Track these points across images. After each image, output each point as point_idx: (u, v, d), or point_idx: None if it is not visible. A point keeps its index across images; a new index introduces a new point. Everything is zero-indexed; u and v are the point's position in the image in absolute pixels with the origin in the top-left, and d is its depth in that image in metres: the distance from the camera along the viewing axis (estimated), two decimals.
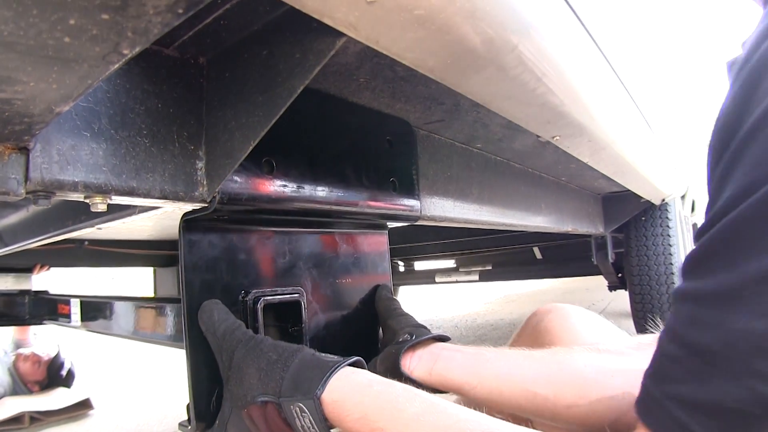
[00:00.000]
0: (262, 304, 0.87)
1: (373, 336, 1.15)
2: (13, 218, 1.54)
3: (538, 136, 1.17)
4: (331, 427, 0.70)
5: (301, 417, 0.69)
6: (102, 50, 0.38)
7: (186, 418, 0.85)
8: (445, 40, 0.61)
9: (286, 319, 0.97)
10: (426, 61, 0.67)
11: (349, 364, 0.74)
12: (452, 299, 7.58)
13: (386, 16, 0.55)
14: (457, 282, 4.63)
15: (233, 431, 0.78)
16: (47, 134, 0.59)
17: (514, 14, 0.64)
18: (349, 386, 0.70)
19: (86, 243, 2.75)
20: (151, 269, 3.26)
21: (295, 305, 0.96)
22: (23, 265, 2.66)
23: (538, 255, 4.30)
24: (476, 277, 4.48)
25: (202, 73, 0.79)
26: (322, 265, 1.05)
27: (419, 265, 5.12)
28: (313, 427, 0.69)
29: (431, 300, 7.57)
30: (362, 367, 0.76)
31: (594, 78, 0.96)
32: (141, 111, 0.69)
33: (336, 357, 0.75)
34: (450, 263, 4.78)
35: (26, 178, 0.57)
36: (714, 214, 0.49)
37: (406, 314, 1.07)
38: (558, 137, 1.09)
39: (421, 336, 0.94)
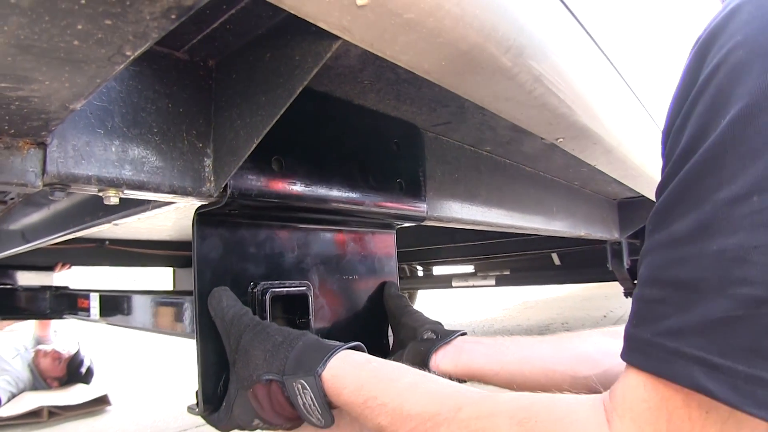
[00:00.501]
0: (270, 296, 0.92)
1: (379, 331, 1.18)
2: (35, 217, 1.60)
3: (542, 138, 1.20)
4: (331, 405, 0.74)
5: (302, 394, 0.73)
6: (107, 52, 0.41)
7: (195, 403, 0.89)
8: (437, 43, 0.64)
9: (293, 312, 1.01)
10: (421, 64, 0.70)
11: (350, 348, 0.79)
12: (469, 304, 7.58)
13: (378, 20, 0.58)
14: (473, 286, 4.64)
15: (238, 411, 0.82)
16: (63, 131, 0.63)
17: (505, 16, 0.67)
18: (348, 363, 0.75)
19: (107, 243, 2.82)
20: (170, 269, 3.33)
21: (302, 298, 0.99)
22: (46, 263, 2.73)
23: (557, 261, 4.30)
24: (493, 282, 4.49)
25: (211, 76, 0.83)
26: (330, 261, 1.09)
27: (438, 270, 5.15)
28: (314, 404, 0.73)
29: (448, 305, 7.57)
30: (362, 351, 0.80)
31: (595, 78, 0.98)
32: (152, 110, 0.74)
33: (339, 343, 0.79)
34: (469, 268, 4.79)
35: (43, 171, 0.62)
36: (672, 166, 0.53)
37: (418, 311, 1.11)
38: (562, 139, 1.11)
39: (447, 336, 0.99)
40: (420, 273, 5.20)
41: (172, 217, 2.06)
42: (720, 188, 0.47)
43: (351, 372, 0.73)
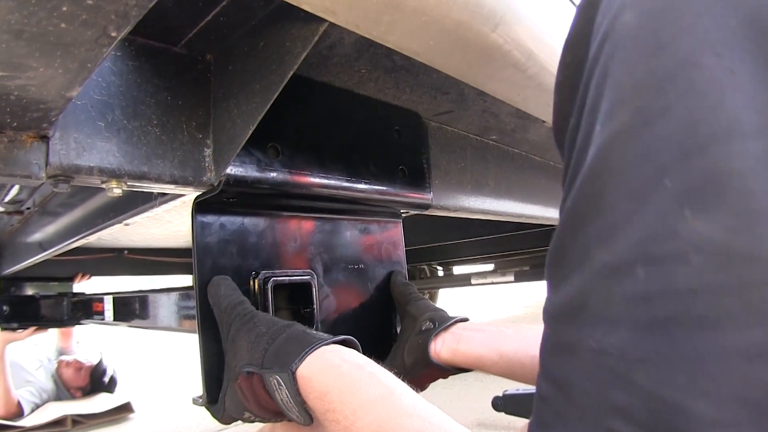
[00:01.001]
0: (272, 285, 0.92)
1: (387, 321, 1.19)
2: (51, 228, 1.65)
3: (544, 122, 1.20)
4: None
5: (278, 389, 0.70)
6: (93, 34, 0.43)
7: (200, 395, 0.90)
8: (422, 21, 0.65)
9: (297, 302, 1.02)
10: (409, 45, 0.71)
11: (338, 342, 0.74)
12: (490, 302, 7.56)
13: (359, 0, 0.60)
14: (492, 283, 4.63)
15: (228, 402, 0.80)
16: (65, 124, 0.66)
17: None
18: (320, 364, 0.69)
19: (125, 252, 2.88)
20: (189, 277, 3.36)
21: (306, 287, 1.01)
22: (65, 274, 2.79)
23: None
24: (512, 278, 4.47)
25: (209, 69, 0.85)
26: (334, 250, 1.10)
27: (458, 269, 5.16)
28: (290, 401, 0.69)
29: (469, 303, 7.55)
30: (352, 346, 0.76)
31: None
32: (152, 103, 0.76)
33: (327, 335, 0.75)
34: (489, 267, 4.78)
35: (46, 163, 0.64)
36: (567, 186, 0.41)
37: (424, 298, 1.10)
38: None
39: (444, 323, 0.97)
40: (440, 273, 5.21)
41: (187, 223, 2.10)
42: (600, 244, 0.35)
43: (320, 374, 0.67)
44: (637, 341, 0.32)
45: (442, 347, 0.94)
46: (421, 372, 0.96)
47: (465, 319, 1.00)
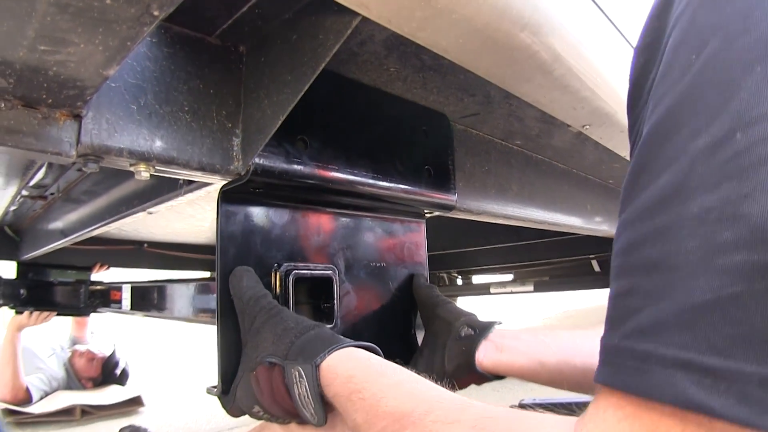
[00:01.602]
0: (294, 277, 0.93)
1: (407, 321, 1.19)
2: (73, 215, 1.68)
3: (569, 126, 1.20)
4: (325, 401, 0.70)
5: (298, 382, 0.70)
6: (136, 11, 0.45)
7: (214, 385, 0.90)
8: (452, 19, 0.66)
9: (318, 296, 1.03)
10: (439, 42, 0.72)
11: (361, 347, 0.75)
12: (509, 312, 7.51)
13: None
14: (512, 292, 4.61)
15: (240, 394, 0.81)
16: (98, 104, 0.67)
17: None
18: (347, 357, 0.71)
19: (145, 245, 2.91)
20: (208, 274, 3.39)
21: (327, 282, 1.01)
22: (84, 263, 2.82)
23: (597, 268, 4.24)
24: (531, 288, 4.45)
25: (242, 60, 0.87)
26: (357, 247, 1.10)
27: (477, 279, 5.14)
28: (308, 396, 0.70)
29: (487, 312, 7.51)
30: (376, 354, 0.76)
31: (617, 62, 0.99)
32: (184, 90, 0.78)
33: (351, 340, 0.76)
34: (508, 277, 4.76)
35: (78, 142, 0.66)
36: (640, 129, 0.44)
37: (451, 302, 1.10)
38: (588, 126, 1.12)
39: (485, 330, 0.98)
40: (459, 282, 5.20)
41: (209, 218, 2.12)
42: (697, 136, 0.37)
43: (346, 363, 0.70)
44: (741, 183, 0.34)
45: (484, 356, 0.95)
46: (462, 378, 0.97)
47: (499, 323, 1.01)
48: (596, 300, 7.40)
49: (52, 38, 0.47)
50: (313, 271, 0.99)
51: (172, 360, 5.08)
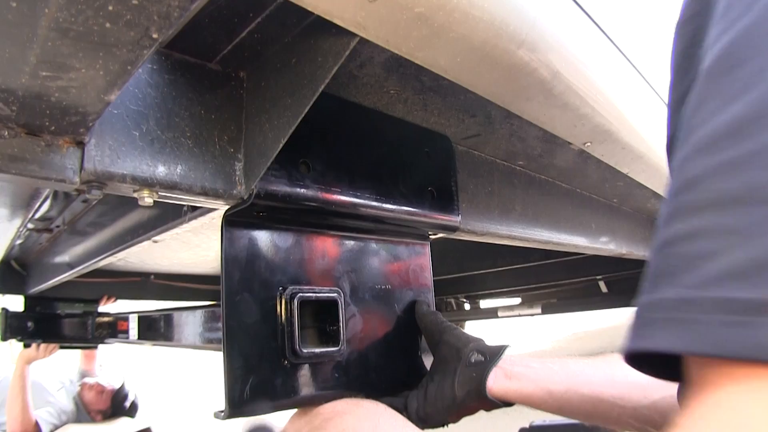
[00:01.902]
0: (299, 300, 0.93)
1: (413, 344, 1.18)
2: (79, 248, 1.69)
3: (570, 144, 1.20)
4: None
5: None
6: (136, 35, 0.46)
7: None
8: (449, 38, 0.67)
9: (324, 320, 1.02)
10: (437, 61, 0.73)
11: None
12: (518, 335, 7.45)
13: (390, 14, 0.61)
14: (519, 315, 4.58)
15: None
16: (101, 131, 0.68)
17: (515, 11, 0.69)
18: None
19: (152, 277, 2.91)
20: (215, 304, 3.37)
21: (332, 305, 1.01)
22: (92, 296, 2.83)
23: (604, 289, 4.22)
24: (539, 310, 4.43)
25: (242, 86, 0.87)
26: (361, 269, 1.10)
27: (484, 303, 5.12)
28: None
29: (496, 335, 7.46)
30: None
31: (616, 79, 1.00)
32: (185, 116, 0.78)
33: None
34: (516, 300, 4.75)
35: (81, 168, 0.66)
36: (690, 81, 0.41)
37: (457, 327, 1.10)
38: (589, 144, 1.12)
39: (494, 356, 0.98)
40: (467, 306, 5.18)
41: (214, 248, 2.13)
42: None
43: None
44: None
45: (494, 383, 0.95)
46: (472, 404, 0.97)
47: (508, 346, 1.01)
48: (605, 321, 7.35)
49: (53, 63, 0.48)
50: (318, 294, 0.98)
51: (180, 389, 5.05)
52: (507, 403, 0.95)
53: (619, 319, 7.29)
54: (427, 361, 1.14)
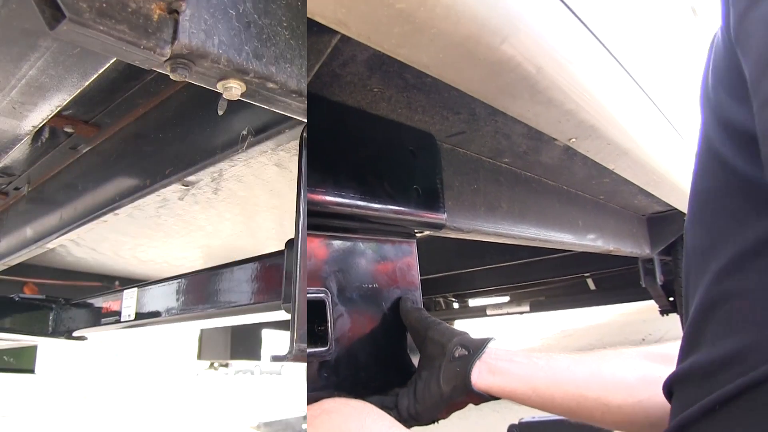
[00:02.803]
0: None
1: (401, 341, 1.17)
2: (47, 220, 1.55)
3: (556, 140, 1.21)
4: None
5: None
6: None
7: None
8: (431, 34, 0.67)
9: (311, 320, 1.02)
10: (420, 57, 0.72)
11: None
12: (507, 333, 7.47)
13: (371, 11, 0.61)
14: (508, 314, 4.59)
15: None
16: (197, 2, 0.60)
17: (498, 6, 0.69)
18: None
19: (117, 282, 2.65)
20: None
21: (320, 305, 1.00)
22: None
23: (592, 286, 4.25)
24: (527, 308, 4.44)
25: None
26: (348, 269, 1.09)
27: (473, 302, 5.13)
28: None
29: (485, 334, 7.46)
30: None
31: (600, 75, 1.00)
32: (282, 4, 0.70)
33: None
34: (504, 299, 4.76)
35: (173, 39, 0.58)
36: None
37: (442, 322, 1.09)
38: (574, 139, 1.12)
39: (477, 350, 0.97)
40: (456, 305, 5.19)
41: (224, 231, 2.05)
42: None
43: None
44: None
45: (478, 378, 0.94)
46: (459, 399, 0.96)
47: (492, 339, 1.00)
48: (593, 318, 7.39)
49: None
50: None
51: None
52: (495, 397, 0.95)
53: (607, 316, 7.35)
54: (413, 359, 1.14)
